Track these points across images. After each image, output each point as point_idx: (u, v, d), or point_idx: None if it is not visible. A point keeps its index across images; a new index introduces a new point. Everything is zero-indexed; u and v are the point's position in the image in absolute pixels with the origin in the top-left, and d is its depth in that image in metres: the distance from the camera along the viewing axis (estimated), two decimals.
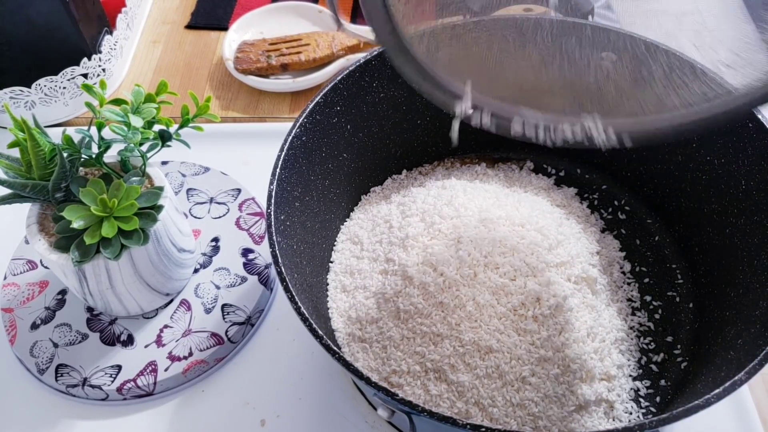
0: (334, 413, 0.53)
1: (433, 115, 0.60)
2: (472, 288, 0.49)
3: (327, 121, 0.52)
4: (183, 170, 0.67)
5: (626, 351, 0.51)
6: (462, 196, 0.55)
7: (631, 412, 0.49)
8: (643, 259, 0.57)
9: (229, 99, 0.77)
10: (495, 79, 0.40)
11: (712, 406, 0.51)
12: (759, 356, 0.38)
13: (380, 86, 0.56)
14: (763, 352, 0.38)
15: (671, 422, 0.35)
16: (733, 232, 0.51)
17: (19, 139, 0.47)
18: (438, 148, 0.64)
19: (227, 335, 0.56)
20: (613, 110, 0.37)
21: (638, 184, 0.61)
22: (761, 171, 0.48)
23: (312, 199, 0.52)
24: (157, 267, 0.52)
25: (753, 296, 0.46)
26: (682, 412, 0.36)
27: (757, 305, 0.45)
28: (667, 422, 0.35)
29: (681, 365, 0.51)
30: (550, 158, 0.64)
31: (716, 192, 0.53)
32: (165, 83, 0.52)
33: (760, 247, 0.47)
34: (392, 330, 0.49)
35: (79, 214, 0.46)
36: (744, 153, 0.49)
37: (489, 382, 0.46)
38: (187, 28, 0.86)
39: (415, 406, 0.36)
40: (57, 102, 0.72)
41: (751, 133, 0.48)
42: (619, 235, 0.59)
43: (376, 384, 0.37)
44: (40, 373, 0.54)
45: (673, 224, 0.58)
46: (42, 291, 0.59)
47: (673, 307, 0.54)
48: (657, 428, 0.35)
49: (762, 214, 0.48)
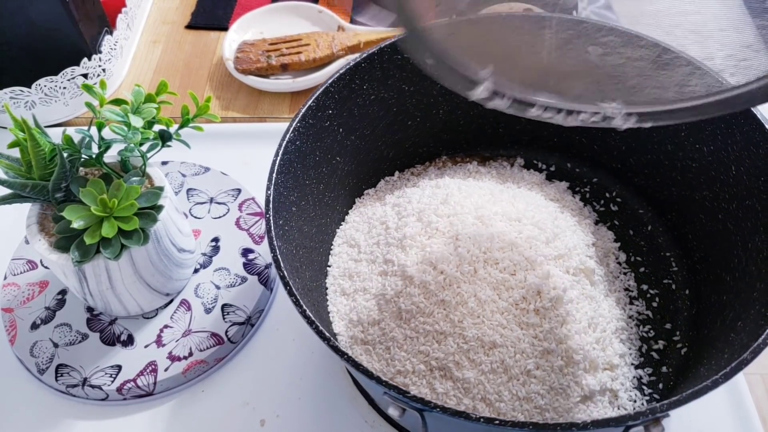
0: (334, 413, 0.53)
1: (423, 115, 0.61)
2: (473, 284, 0.49)
3: (320, 125, 0.53)
4: (183, 170, 0.67)
5: (627, 340, 0.52)
6: (457, 194, 0.55)
7: (635, 400, 0.49)
8: (638, 249, 0.58)
9: (229, 99, 0.77)
10: (514, 63, 0.39)
11: (713, 403, 0.52)
12: (762, 335, 0.38)
13: (371, 88, 0.56)
14: (766, 331, 0.38)
15: (682, 405, 0.36)
16: (725, 217, 0.51)
17: (19, 139, 0.47)
18: (429, 149, 0.64)
19: (227, 335, 0.56)
20: (635, 95, 0.37)
21: (629, 175, 0.61)
22: (750, 156, 0.48)
23: (308, 204, 0.53)
24: (157, 267, 0.52)
25: (750, 279, 0.47)
26: (691, 394, 0.36)
27: (754, 287, 0.46)
28: (677, 405, 0.36)
29: (681, 351, 0.52)
30: (541, 154, 0.65)
31: (707, 179, 0.53)
32: (165, 83, 0.52)
33: (753, 230, 0.48)
34: (395, 330, 0.49)
35: (79, 214, 0.46)
36: (733, 139, 0.50)
37: (494, 377, 0.46)
38: (187, 28, 0.86)
39: (428, 402, 0.36)
40: (57, 102, 0.72)
41: (738, 119, 0.49)
42: (613, 227, 0.60)
43: (387, 383, 0.37)
44: (40, 373, 0.54)
45: (666, 213, 0.59)
46: (42, 291, 0.59)
47: (670, 295, 0.55)
48: (667, 411, 0.36)
49: (754, 198, 0.48)
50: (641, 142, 0.58)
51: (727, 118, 0.50)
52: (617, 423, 0.36)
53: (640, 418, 0.36)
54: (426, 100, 0.60)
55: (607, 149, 0.61)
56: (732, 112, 0.35)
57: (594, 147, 0.62)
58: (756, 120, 0.47)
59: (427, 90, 0.59)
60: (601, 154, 0.62)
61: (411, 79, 0.58)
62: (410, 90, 0.58)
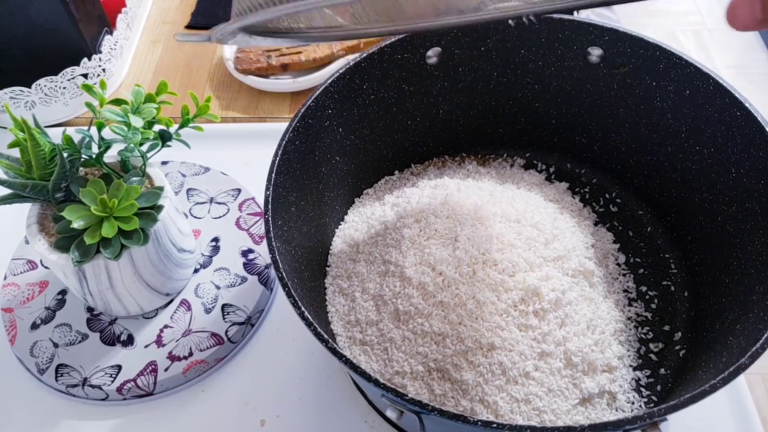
0: (333, 413, 0.53)
1: (423, 115, 0.61)
2: (472, 286, 0.49)
3: (319, 125, 0.53)
4: (183, 170, 0.67)
5: (625, 342, 0.52)
6: (456, 195, 0.55)
7: (633, 402, 0.49)
8: (637, 250, 0.58)
9: (229, 99, 0.77)
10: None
11: (713, 404, 0.52)
12: (761, 339, 0.38)
13: (370, 88, 0.56)
14: (764, 335, 0.38)
15: (679, 409, 0.36)
16: (725, 219, 0.51)
17: (19, 139, 0.47)
18: (429, 148, 0.64)
19: (227, 335, 0.56)
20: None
21: (629, 176, 0.61)
22: (750, 158, 0.48)
23: (307, 204, 0.53)
24: (157, 267, 0.52)
25: (749, 282, 0.47)
26: (689, 399, 0.36)
27: (753, 290, 0.45)
28: (675, 409, 0.36)
29: (680, 353, 0.52)
30: (540, 154, 0.65)
31: (707, 181, 0.53)
32: (165, 83, 0.52)
33: (753, 233, 0.48)
34: (393, 332, 0.49)
35: (79, 214, 0.46)
36: (733, 141, 0.50)
37: (493, 379, 0.46)
38: (187, 28, 0.86)
39: (425, 405, 0.36)
40: (57, 102, 0.72)
41: (739, 121, 0.49)
42: (612, 228, 0.60)
43: (384, 385, 0.37)
44: (40, 373, 0.54)
45: (665, 215, 0.59)
46: (42, 291, 0.59)
47: (669, 297, 0.55)
48: (665, 416, 0.35)
49: (753, 201, 0.48)
50: (641, 143, 0.58)
51: (727, 119, 0.50)
52: (615, 427, 0.36)
53: (637, 423, 0.36)
54: (426, 100, 0.60)
55: (607, 150, 0.61)
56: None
57: (594, 148, 0.62)
58: (756, 122, 0.47)
59: (426, 90, 0.59)
60: (601, 155, 0.62)
61: (411, 79, 0.58)
62: (410, 90, 0.58)
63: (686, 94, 0.52)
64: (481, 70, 0.59)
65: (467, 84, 0.60)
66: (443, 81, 0.59)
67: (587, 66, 0.57)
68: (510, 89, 0.60)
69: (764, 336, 0.38)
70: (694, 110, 0.52)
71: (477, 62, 0.58)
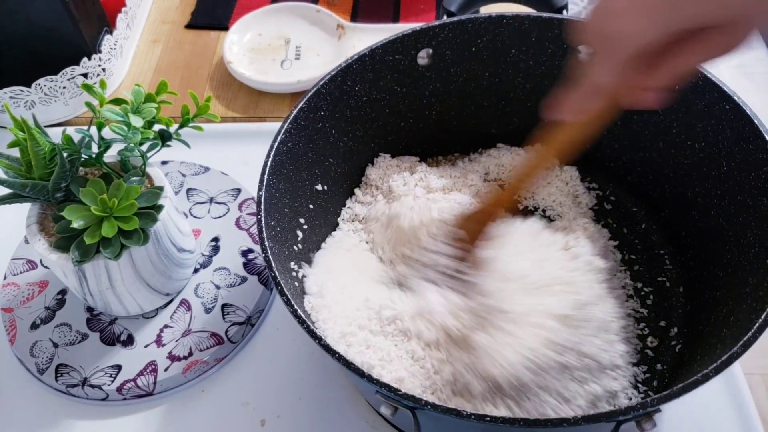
0: (334, 413, 0.53)
1: (415, 116, 0.61)
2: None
3: (312, 127, 0.53)
4: (183, 170, 0.67)
5: (626, 339, 0.51)
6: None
7: (631, 398, 0.49)
8: (632, 247, 0.58)
9: (229, 99, 0.77)
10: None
11: (713, 404, 0.52)
12: (752, 329, 0.38)
13: (362, 90, 0.56)
14: (756, 324, 0.38)
15: (672, 399, 0.36)
16: (718, 213, 0.52)
17: (19, 139, 0.47)
18: (422, 150, 0.64)
19: (227, 335, 0.56)
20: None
21: (621, 173, 0.61)
22: (741, 151, 0.49)
23: (301, 205, 0.53)
24: (157, 267, 0.52)
25: (742, 274, 0.47)
26: (681, 389, 0.36)
27: (746, 282, 0.46)
28: (668, 399, 0.36)
29: (675, 348, 0.52)
30: None
31: (699, 175, 0.53)
32: (165, 83, 0.52)
33: (745, 225, 0.48)
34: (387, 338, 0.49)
35: (79, 214, 0.46)
36: (723, 135, 0.50)
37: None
38: (187, 27, 0.86)
39: (419, 400, 0.36)
40: (57, 102, 0.72)
41: (728, 115, 0.49)
42: (607, 225, 0.60)
43: (378, 381, 0.37)
44: (40, 373, 0.54)
45: (659, 211, 0.59)
46: (42, 291, 0.59)
47: (664, 292, 0.55)
48: (658, 406, 0.35)
49: (745, 194, 0.48)
50: (634, 140, 0.58)
51: (717, 114, 0.50)
52: (608, 418, 0.36)
53: (630, 413, 0.35)
54: (418, 101, 0.60)
55: (600, 148, 0.61)
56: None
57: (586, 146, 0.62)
58: (745, 115, 0.47)
59: (419, 91, 0.59)
60: (593, 153, 0.62)
61: (402, 81, 0.58)
62: (402, 91, 0.58)
63: (676, 90, 0.52)
64: (472, 71, 0.59)
65: (459, 84, 0.60)
66: (435, 82, 0.59)
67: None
68: (502, 89, 0.60)
69: (756, 325, 0.38)
70: (685, 105, 0.52)
71: (468, 63, 0.58)
